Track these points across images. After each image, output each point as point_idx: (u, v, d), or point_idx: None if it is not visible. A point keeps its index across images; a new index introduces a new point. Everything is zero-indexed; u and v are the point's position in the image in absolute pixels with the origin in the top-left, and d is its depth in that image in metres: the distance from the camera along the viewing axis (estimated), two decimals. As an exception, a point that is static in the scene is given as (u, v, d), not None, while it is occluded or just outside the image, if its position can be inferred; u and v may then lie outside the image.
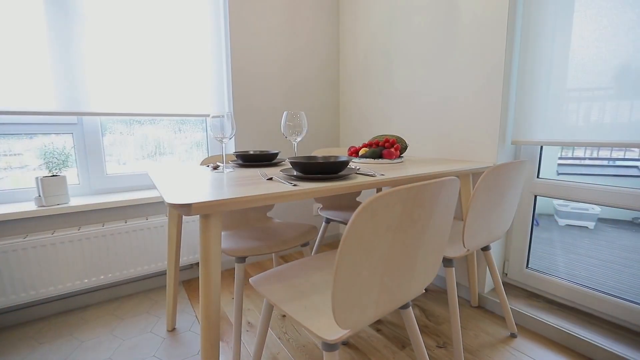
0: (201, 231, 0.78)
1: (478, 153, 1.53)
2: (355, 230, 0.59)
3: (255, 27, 1.95)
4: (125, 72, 1.66)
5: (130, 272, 1.63)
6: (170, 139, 1.96)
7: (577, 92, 1.30)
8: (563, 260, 1.98)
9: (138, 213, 1.71)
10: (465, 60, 1.52)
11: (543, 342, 1.30)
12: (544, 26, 1.35)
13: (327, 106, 2.33)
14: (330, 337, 0.71)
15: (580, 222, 2.55)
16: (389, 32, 1.91)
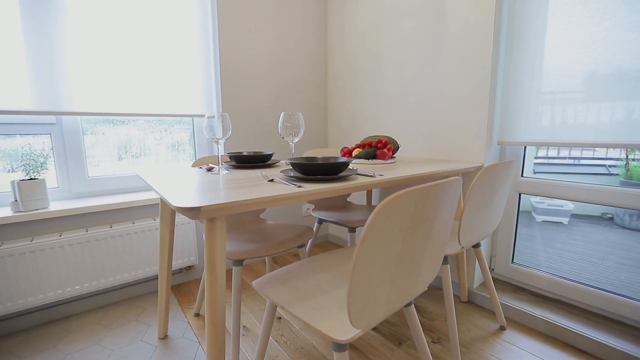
0: (207, 235, 0.76)
1: (466, 153, 1.58)
2: (372, 230, 0.60)
3: (245, 27, 1.92)
4: (109, 70, 1.59)
5: (117, 279, 1.56)
6: (152, 139, 1.90)
7: (555, 95, 1.37)
8: (543, 254, 2.09)
9: (124, 217, 1.64)
10: (454, 65, 1.57)
11: (530, 333, 1.37)
12: (526, 34, 1.41)
13: (316, 107, 2.33)
14: (342, 337, 0.71)
15: (556, 218, 2.70)
16: (377, 35, 1.94)
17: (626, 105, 1.23)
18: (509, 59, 1.48)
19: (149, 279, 1.73)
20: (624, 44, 1.19)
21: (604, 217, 2.63)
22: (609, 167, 2.22)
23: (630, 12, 1.17)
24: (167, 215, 1.27)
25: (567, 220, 2.65)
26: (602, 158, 2.28)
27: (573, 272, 1.61)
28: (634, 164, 2.11)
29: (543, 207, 2.65)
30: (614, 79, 1.22)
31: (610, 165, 2.22)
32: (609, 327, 1.29)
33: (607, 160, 2.26)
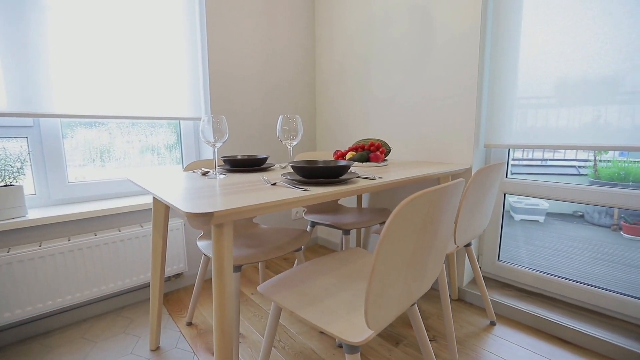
0: (215, 242, 0.75)
1: (455, 156, 1.64)
2: (391, 231, 0.61)
3: (234, 29, 1.89)
4: (91, 70, 1.52)
5: (102, 290, 1.48)
6: (137, 142, 1.83)
7: (530, 101, 1.46)
8: (524, 251, 2.19)
9: (109, 224, 1.56)
10: (442, 71, 1.63)
11: (519, 327, 1.43)
12: (506, 44, 1.49)
13: (304, 110, 2.33)
14: (355, 339, 0.72)
15: (533, 216, 2.84)
16: (366, 40, 1.98)
17: (593, 110, 1.33)
18: (494, 67, 1.55)
19: (136, 289, 1.66)
20: (589, 55, 1.30)
21: (575, 214, 2.80)
22: (579, 168, 2.38)
23: (595, 26, 1.27)
24: (160, 221, 1.22)
25: (543, 219, 2.80)
26: (572, 159, 2.44)
27: (552, 267, 1.70)
28: (602, 165, 2.27)
29: (521, 206, 2.79)
30: (581, 86, 1.33)
31: (579, 166, 2.38)
32: (589, 318, 1.37)
33: (577, 162, 2.42)
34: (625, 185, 1.46)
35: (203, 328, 1.46)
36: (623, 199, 1.33)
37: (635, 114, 1.24)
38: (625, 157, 2.09)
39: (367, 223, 1.61)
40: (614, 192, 1.34)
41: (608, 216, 2.55)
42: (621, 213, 2.39)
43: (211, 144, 1.12)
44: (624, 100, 1.25)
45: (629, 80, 1.24)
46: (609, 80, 1.28)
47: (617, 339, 1.24)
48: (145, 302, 1.66)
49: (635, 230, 2.28)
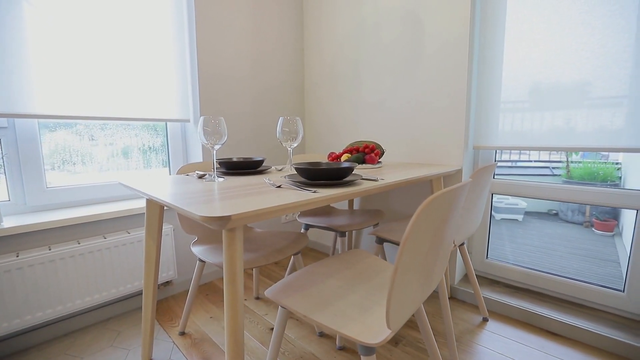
0: (227, 246, 0.72)
1: (446, 157, 1.68)
2: (414, 231, 0.61)
3: (222, 31, 1.86)
4: (72, 69, 1.44)
5: (85, 302, 1.39)
6: (120, 145, 1.75)
7: (519, 104, 1.53)
8: (509, 248, 2.29)
9: (93, 231, 1.48)
10: (432, 75, 1.68)
11: (509, 321, 1.48)
12: (491, 51, 1.56)
13: (293, 113, 2.32)
14: (372, 340, 0.71)
15: (512, 215, 2.99)
16: (356, 44, 2.00)
17: (567, 114, 1.42)
18: (481, 73, 1.62)
19: (123, 299, 1.58)
20: (561, 63, 1.41)
21: (550, 213, 2.97)
22: (552, 169, 2.53)
23: (566, 37, 1.37)
24: (154, 226, 1.17)
25: (522, 217, 2.94)
26: (546, 161, 2.59)
27: (535, 263, 1.78)
28: (574, 166, 2.42)
29: (502, 206, 2.92)
30: (556, 92, 1.43)
31: (553, 167, 2.53)
32: (573, 310, 1.45)
33: (551, 163, 2.57)
34: (594, 184, 1.56)
35: (197, 337, 1.40)
36: (595, 195, 1.42)
37: (602, 117, 1.34)
38: (585, 159, 2.25)
39: (362, 225, 1.62)
40: (588, 189, 1.43)
41: (580, 214, 2.72)
42: (592, 210, 2.56)
43: (210, 146, 1.09)
44: (593, 105, 1.36)
45: (599, 86, 1.34)
46: (581, 86, 1.38)
47: (599, 328, 1.31)
48: (134, 313, 1.58)
49: (605, 227, 2.44)
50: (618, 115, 1.32)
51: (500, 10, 1.54)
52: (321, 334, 1.42)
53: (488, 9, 1.57)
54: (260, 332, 1.43)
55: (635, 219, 1.35)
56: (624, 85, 1.29)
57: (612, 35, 1.29)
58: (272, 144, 2.19)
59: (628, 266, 1.38)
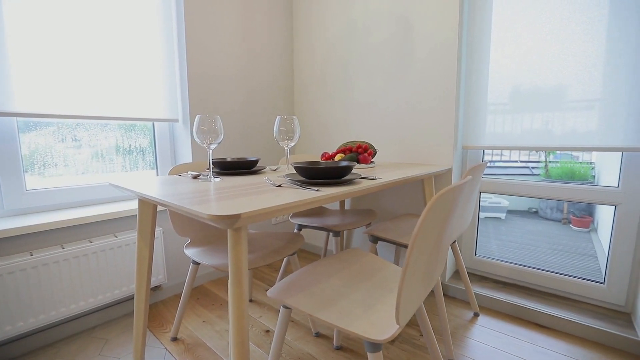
0: (232, 246, 0.71)
1: (435, 157, 1.72)
2: (424, 227, 0.62)
3: (212, 30, 1.83)
4: (54, 65, 1.38)
5: (71, 309, 1.33)
6: (105, 145, 1.68)
7: (503, 107, 1.59)
8: (494, 245, 2.37)
9: (78, 235, 1.41)
10: (423, 78, 1.71)
11: (499, 316, 1.53)
12: (478, 55, 1.62)
13: (283, 113, 2.31)
14: (380, 336, 0.72)
15: (495, 214, 3.09)
16: (347, 45, 2.02)
17: (547, 116, 1.50)
18: (469, 76, 1.67)
19: (110, 305, 1.51)
20: (542, 68, 1.48)
21: (530, 211, 3.09)
22: (532, 169, 2.64)
23: (545, 44, 1.45)
24: (147, 228, 1.13)
25: (504, 216, 3.05)
26: (525, 161, 2.70)
27: (520, 259, 1.84)
28: (552, 165, 2.53)
29: (486, 204, 3.01)
30: (535, 95, 1.51)
31: (532, 167, 2.64)
32: (558, 303, 1.51)
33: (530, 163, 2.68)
34: (571, 182, 1.64)
35: (190, 342, 1.37)
36: (578, 193, 1.49)
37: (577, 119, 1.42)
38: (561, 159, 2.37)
39: (355, 224, 1.63)
40: (571, 187, 1.50)
41: (558, 211, 2.84)
42: (570, 208, 2.69)
43: (206, 145, 1.07)
44: (570, 108, 1.44)
45: (574, 90, 1.42)
46: (558, 90, 1.46)
47: (582, 319, 1.38)
48: (121, 320, 1.52)
49: (582, 223, 2.56)
50: (591, 117, 1.40)
51: (486, 17, 1.60)
52: (317, 334, 1.42)
53: (476, 16, 1.63)
54: (255, 335, 1.41)
55: (614, 214, 1.43)
56: (596, 89, 1.37)
57: (585, 43, 1.37)
58: (262, 144, 2.17)
59: (607, 260, 1.46)
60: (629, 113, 1.30)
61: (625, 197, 1.38)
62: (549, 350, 1.29)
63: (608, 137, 1.36)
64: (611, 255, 1.44)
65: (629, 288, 1.41)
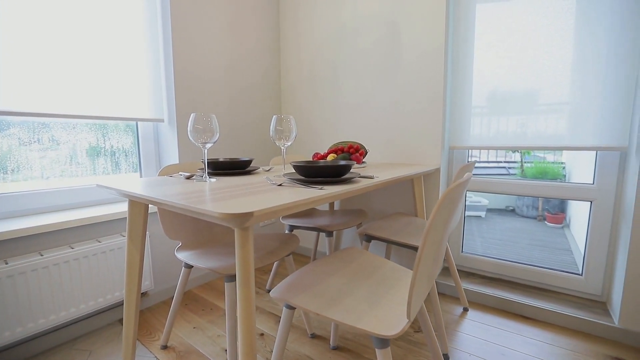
0: (240, 246, 0.69)
1: (423, 157, 1.77)
2: (435, 222, 0.64)
3: (199, 29, 1.79)
4: (28, 60, 1.29)
5: (51, 320, 1.24)
6: (85, 146, 1.60)
7: (486, 109, 1.67)
8: (478, 242, 2.45)
9: (58, 241, 1.33)
10: (411, 80, 1.76)
11: (487, 310, 1.59)
12: (462, 61, 1.68)
13: (270, 114, 2.29)
14: (391, 331, 0.72)
15: (476, 212, 3.20)
16: (335, 48, 2.03)
17: (522, 118, 1.59)
18: (454, 80, 1.73)
19: (93, 314, 1.43)
20: (520, 73, 1.57)
21: (507, 209, 3.23)
22: (508, 169, 2.76)
23: (521, 51, 1.54)
24: (138, 231, 1.08)
25: (484, 214, 3.17)
26: (502, 161, 2.83)
27: (503, 254, 1.93)
28: (527, 165, 2.67)
29: (467, 203, 3.12)
30: (513, 98, 1.59)
31: (509, 167, 2.76)
32: (540, 295, 1.59)
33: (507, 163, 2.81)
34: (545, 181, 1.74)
35: (182, 350, 1.32)
36: (556, 190, 1.57)
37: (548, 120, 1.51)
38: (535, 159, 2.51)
39: (348, 224, 1.63)
40: (551, 184, 1.59)
41: (534, 209, 2.99)
42: (544, 205, 2.84)
43: (202, 144, 1.04)
44: (542, 111, 1.53)
45: (544, 94, 1.52)
46: (531, 94, 1.56)
47: (564, 309, 1.46)
48: (105, 329, 1.44)
49: (556, 219, 2.71)
50: (561, 119, 1.49)
51: (470, 28, 1.66)
52: (313, 336, 1.41)
53: (460, 26, 1.69)
54: (249, 339, 1.38)
55: (590, 210, 1.53)
56: (565, 93, 1.47)
57: (555, 50, 1.47)
58: (249, 145, 2.14)
59: (585, 252, 1.55)
60: (602, 115, 1.40)
61: (600, 193, 1.47)
62: (535, 340, 1.35)
63: (580, 138, 1.45)
64: (588, 249, 1.53)
65: (604, 279, 1.51)
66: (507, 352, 1.28)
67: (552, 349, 1.29)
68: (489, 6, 1.61)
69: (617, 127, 1.38)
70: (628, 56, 1.33)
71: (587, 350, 1.29)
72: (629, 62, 1.33)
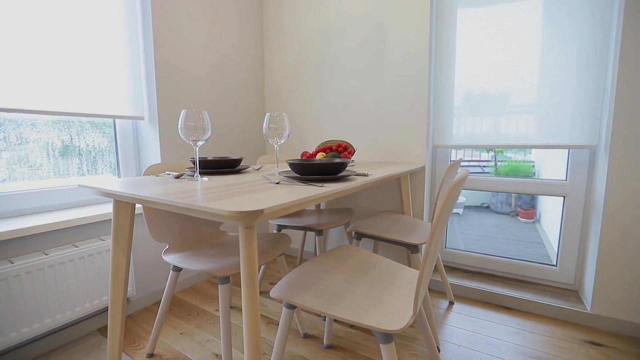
0: (245, 246, 0.68)
1: (409, 156, 1.81)
2: (441, 217, 0.65)
3: (181, 23, 1.72)
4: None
5: (23, 333, 1.15)
6: (59, 145, 1.50)
7: (466, 110, 1.73)
8: (459, 238, 2.54)
9: (30, 247, 1.23)
10: (396, 81, 1.79)
11: (472, 302, 1.65)
12: (448, 63, 1.75)
13: (253, 113, 2.25)
14: (396, 326, 0.73)
15: (455, 209, 3.32)
16: (321, 47, 2.04)
17: (497, 119, 1.67)
18: (437, 81, 1.79)
19: (69, 325, 1.34)
20: (494, 78, 1.66)
21: (483, 206, 3.38)
22: (483, 167, 2.89)
23: (495, 55, 1.61)
24: (124, 235, 1.03)
25: (462, 211, 3.29)
26: (478, 160, 2.95)
27: (483, 249, 2.01)
28: (500, 164, 2.80)
29: (446, 201, 3.23)
30: (490, 100, 1.67)
31: (483, 165, 2.89)
32: (520, 287, 1.67)
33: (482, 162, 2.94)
34: (524, 177, 1.84)
35: (170, 357, 1.26)
36: (534, 186, 1.67)
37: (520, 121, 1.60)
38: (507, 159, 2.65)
39: (337, 222, 1.64)
40: (528, 181, 1.68)
41: (507, 205, 3.15)
42: (517, 201, 3.00)
43: (193, 142, 1.01)
44: (518, 111, 1.63)
45: (514, 96, 1.62)
46: (504, 96, 1.65)
47: (541, 299, 1.54)
48: (84, 340, 1.35)
49: (528, 215, 2.86)
50: (533, 120, 1.59)
51: (452, 33, 1.73)
52: (306, 336, 1.40)
53: (443, 31, 1.75)
54: (240, 342, 1.35)
55: (563, 204, 1.63)
56: (533, 95, 1.56)
57: (524, 55, 1.57)
58: (233, 144, 2.09)
59: (559, 244, 1.65)
60: (573, 116, 1.50)
61: (573, 189, 1.57)
62: (517, 329, 1.42)
63: (552, 137, 1.54)
64: (562, 241, 1.63)
65: (576, 268, 1.61)
66: (493, 341, 1.34)
67: (533, 337, 1.37)
68: (469, 11, 1.68)
69: (587, 127, 1.48)
70: (596, 62, 1.43)
71: (564, 336, 1.37)
72: (597, 67, 1.43)
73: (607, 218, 1.36)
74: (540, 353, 1.27)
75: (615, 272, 1.37)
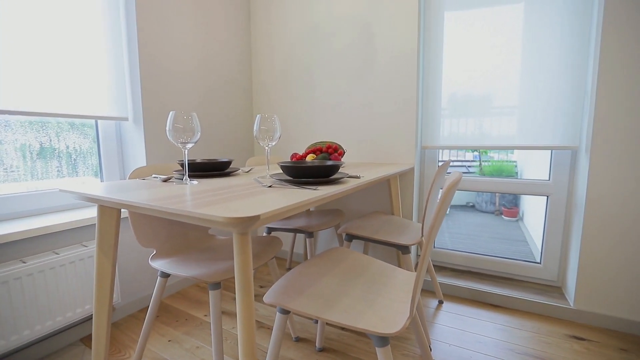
0: (239, 252, 0.66)
1: (397, 157, 1.82)
2: (440, 216, 0.65)
3: (167, 22, 1.68)
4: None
5: (0, 346, 1.09)
6: (36, 147, 1.43)
7: (453, 111, 1.76)
8: (447, 237, 2.58)
9: (6, 255, 1.16)
10: (385, 83, 1.80)
11: (460, 301, 1.68)
12: (435, 65, 1.77)
13: (241, 114, 2.22)
14: (393, 329, 0.73)
15: (441, 209, 3.37)
16: (309, 48, 2.02)
17: (483, 120, 1.71)
18: (426, 84, 1.81)
19: (50, 335, 1.28)
20: (479, 79, 1.70)
21: (468, 205, 3.44)
22: (468, 167, 2.95)
23: (479, 59, 1.65)
24: (109, 241, 0.98)
25: (448, 210, 3.35)
26: (462, 160, 3.01)
27: (469, 248, 2.05)
28: (484, 164, 2.86)
29: (432, 200, 3.26)
30: (475, 101, 1.71)
31: (468, 166, 2.95)
32: (506, 284, 1.71)
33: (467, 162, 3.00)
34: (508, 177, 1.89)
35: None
36: (514, 186, 1.71)
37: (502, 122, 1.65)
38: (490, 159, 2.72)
39: (328, 224, 1.64)
40: (509, 181, 1.72)
41: (491, 204, 3.22)
42: (501, 201, 3.07)
43: (182, 144, 0.98)
44: (503, 113, 1.67)
45: (498, 98, 1.66)
46: (488, 98, 1.69)
47: (526, 296, 1.58)
48: (65, 350, 1.29)
49: (511, 213, 2.94)
50: (514, 121, 1.64)
51: (439, 36, 1.75)
52: (297, 339, 1.39)
53: (431, 31, 1.77)
54: (231, 348, 1.32)
55: (546, 203, 1.68)
56: (516, 97, 1.61)
57: (508, 58, 1.61)
58: (221, 146, 2.05)
59: (543, 242, 1.70)
60: (555, 118, 1.54)
61: (556, 188, 1.62)
62: (505, 325, 1.46)
63: (537, 138, 1.59)
64: (545, 240, 1.68)
65: (559, 266, 1.67)
66: (482, 339, 1.37)
67: (520, 333, 1.40)
68: (456, 14, 1.71)
69: (568, 129, 1.53)
70: (577, 65, 1.48)
71: (549, 332, 1.41)
72: (577, 70, 1.48)
73: (589, 216, 1.41)
74: (527, 349, 1.30)
75: (597, 269, 1.43)
